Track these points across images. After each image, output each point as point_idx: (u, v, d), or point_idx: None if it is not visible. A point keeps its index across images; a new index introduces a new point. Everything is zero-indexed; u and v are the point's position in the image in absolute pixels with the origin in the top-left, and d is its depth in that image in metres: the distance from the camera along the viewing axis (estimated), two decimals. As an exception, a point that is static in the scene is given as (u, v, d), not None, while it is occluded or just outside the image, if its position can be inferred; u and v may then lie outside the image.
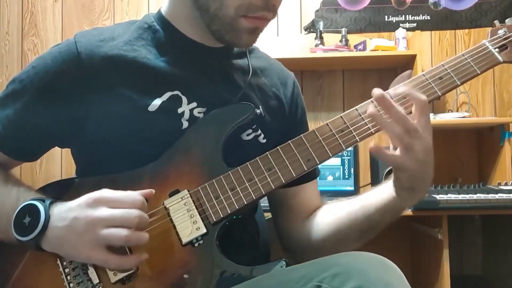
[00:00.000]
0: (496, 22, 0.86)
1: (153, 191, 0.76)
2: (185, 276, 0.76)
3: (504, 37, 0.84)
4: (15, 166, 0.89)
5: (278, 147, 0.80)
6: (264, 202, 0.99)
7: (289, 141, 0.80)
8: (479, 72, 0.82)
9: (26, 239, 0.73)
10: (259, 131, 0.90)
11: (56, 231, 0.72)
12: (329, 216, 0.92)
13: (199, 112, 0.84)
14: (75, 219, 0.71)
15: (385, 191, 0.83)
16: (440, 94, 0.80)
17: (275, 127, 0.93)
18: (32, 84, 0.81)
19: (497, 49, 0.83)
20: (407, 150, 0.74)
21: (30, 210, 0.74)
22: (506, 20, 0.85)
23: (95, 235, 0.70)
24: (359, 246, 0.91)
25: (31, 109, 0.82)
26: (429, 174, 0.77)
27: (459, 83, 0.81)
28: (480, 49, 0.83)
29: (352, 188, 2.27)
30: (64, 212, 0.73)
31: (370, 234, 0.88)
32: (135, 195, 0.73)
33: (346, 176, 2.28)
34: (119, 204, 0.71)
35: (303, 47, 2.39)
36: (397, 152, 0.75)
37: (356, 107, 0.80)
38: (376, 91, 0.74)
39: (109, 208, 0.71)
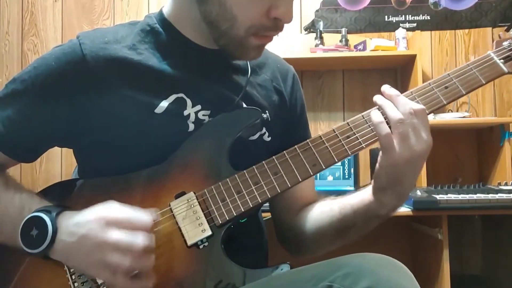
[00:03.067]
0: (501, 33, 0.88)
1: (157, 209, 0.76)
2: (190, 277, 0.76)
3: (508, 48, 0.86)
4: (12, 166, 0.89)
5: (284, 151, 0.81)
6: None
7: (295, 146, 0.81)
8: (484, 82, 0.84)
9: (34, 251, 0.73)
10: (264, 130, 0.91)
11: (64, 246, 0.73)
12: (317, 211, 0.93)
13: (203, 115, 0.84)
14: (84, 237, 0.71)
15: (365, 192, 0.84)
16: (445, 103, 0.82)
17: (278, 123, 0.93)
18: (35, 84, 0.81)
19: (502, 60, 0.85)
20: (402, 138, 0.74)
21: (37, 223, 0.74)
22: (511, 31, 0.87)
23: (102, 258, 0.69)
24: (337, 246, 0.91)
25: (33, 109, 0.81)
26: (408, 180, 0.78)
27: (464, 93, 0.83)
28: (485, 59, 0.85)
29: (352, 188, 2.26)
30: (73, 226, 0.73)
31: (346, 234, 0.88)
32: (144, 216, 0.72)
33: (346, 176, 2.28)
34: (128, 225, 0.71)
35: (303, 47, 2.39)
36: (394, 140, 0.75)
37: (362, 113, 0.81)
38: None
39: (118, 230, 0.70)
